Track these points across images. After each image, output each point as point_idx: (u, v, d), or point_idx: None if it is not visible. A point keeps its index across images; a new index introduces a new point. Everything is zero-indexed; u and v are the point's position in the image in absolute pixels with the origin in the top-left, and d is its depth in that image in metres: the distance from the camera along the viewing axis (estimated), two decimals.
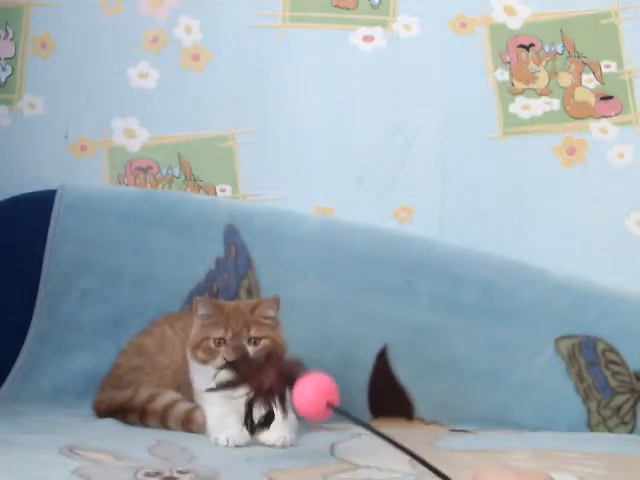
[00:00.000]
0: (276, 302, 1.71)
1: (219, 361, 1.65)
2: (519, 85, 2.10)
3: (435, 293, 1.97)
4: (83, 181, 2.11)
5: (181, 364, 1.78)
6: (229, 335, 1.67)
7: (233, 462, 1.51)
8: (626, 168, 2.08)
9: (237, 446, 1.60)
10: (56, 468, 1.40)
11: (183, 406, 1.72)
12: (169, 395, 1.75)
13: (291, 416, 1.67)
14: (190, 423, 1.70)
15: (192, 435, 1.67)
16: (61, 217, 2.02)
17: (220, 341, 1.67)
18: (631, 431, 1.92)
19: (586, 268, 2.03)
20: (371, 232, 2.03)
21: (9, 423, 1.71)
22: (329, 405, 1.38)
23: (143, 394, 1.75)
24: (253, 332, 1.68)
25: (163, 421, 1.72)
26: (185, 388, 1.75)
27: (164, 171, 2.14)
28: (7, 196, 2.06)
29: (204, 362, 1.68)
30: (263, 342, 1.68)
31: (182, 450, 1.55)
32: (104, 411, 1.79)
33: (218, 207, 2.06)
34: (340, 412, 1.39)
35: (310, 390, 1.40)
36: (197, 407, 1.71)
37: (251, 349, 1.66)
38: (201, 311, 1.70)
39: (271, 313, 1.71)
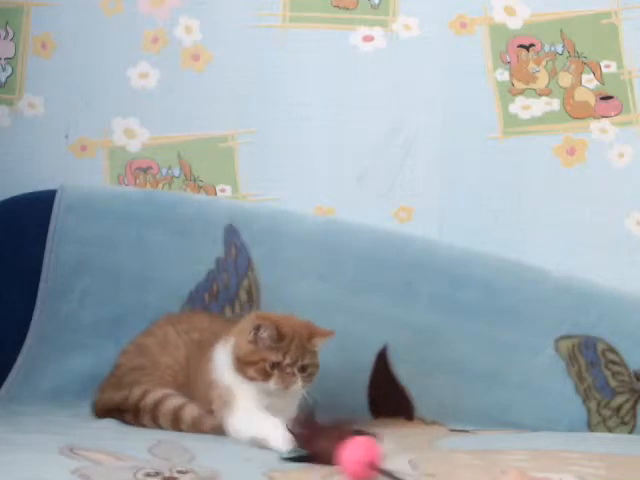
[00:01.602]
0: (331, 337, 1.72)
1: (271, 385, 1.65)
2: (519, 85, 2.10)
3: (435, 293, 1.97)
4: (83, 181, 2.11)
5: (184, 365, 1.77)
6: (286, 361, 1.66)
7: (233, 462, 1.51)
8: (626, 168, 2.08)
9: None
10: (56, 468, 1.39)
11: (172, 402, 1.71)
12: (160, 391, 1.74)
13: None
14: (179, 422, 1.69)
15: (192, 435, 1.67)
16: (61, 217, 2.02)
17: (275, 365, 1.66)
18: (631, 431, 1.92)
19: (586, 268, 2.03)
20: (371, 232, 2.03)
21: (9, 423, 1.71)
22: (373, 467, 1.40)
23: (136, 392, 1.75)
24: (306, 360, 1.68)
25: (154, 418, 1.71)
26: (186, 389, 1.75)
27: (164, 171, 2.14)
28: (7, 196, 2.06)
29: (252, 380, 1.67)
30: (310, 370, 1.68)
31: (182, 450, 1.55)
32: (101, 411, 1.79)
33: (218, 207, 2.06)
34: (384, 473, 1.40)
35: (355, 456, 1.41)
36: (186, 404, 1.70)
37: (300, 375, 1.66)
38: (263, 333, 1.67)
39: (321, 345, 1.72)
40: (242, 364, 1.68)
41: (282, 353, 1.66)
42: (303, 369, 1.67)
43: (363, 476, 1.40)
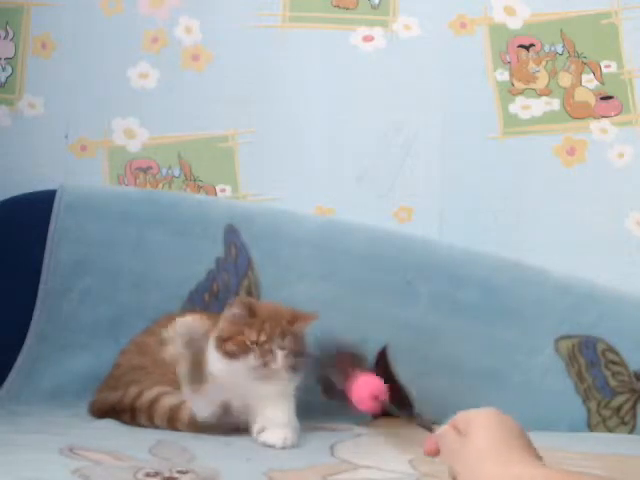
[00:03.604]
0: (315, 320, 1.73)
1: (250, 360, 1.66)
2: (519, 85, 2.10)
3: (435, 293, 1.97)
4: (83, 181, 2.11)
5: None
6: (262, 338, 1.67)
7: (233, 462, 1.51)
8: (626, 168, 2.08)
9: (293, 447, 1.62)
10: (56, 468, 1.39)
11: (168, 401, 1.70)
12: (156, 389, 1.73)
13: (293, 418, 1.67)
14: (175, 422, 1.69)
15: (192, 435, 1.66)
16: (61, 217, 2.02)
17: (253, 343, 1.68)
18: (631, 431, 1.92)
19: (586, 268, 2.03)
20: (371, 232, 2.03)
21: (9, 423, 1.71)
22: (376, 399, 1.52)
23: (132, 391, 1.75)
24: (286, 342, 1.69)
25: (150, 418, 1.71)
26: None
27: (164, 171, 2.14)
28: (7, 196, 2.06)
29: (231, 355, 1.67)
30: (292, 354, 1.69)
31: (182, 450, 1.55)
32: (98, 412, 1.78)
33: (218, 207, 2.06)
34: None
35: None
36: (183, 403, 1.70)
37: (281, 355, 1.67)
38: (235, 310, 1.70)
39: (305, 329, 1.73)
40: (221, 341, 1.68)
41: (256, 330, 1.67)
42: (283, 349, 1.68)
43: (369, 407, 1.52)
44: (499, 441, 1.06)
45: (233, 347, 1.67)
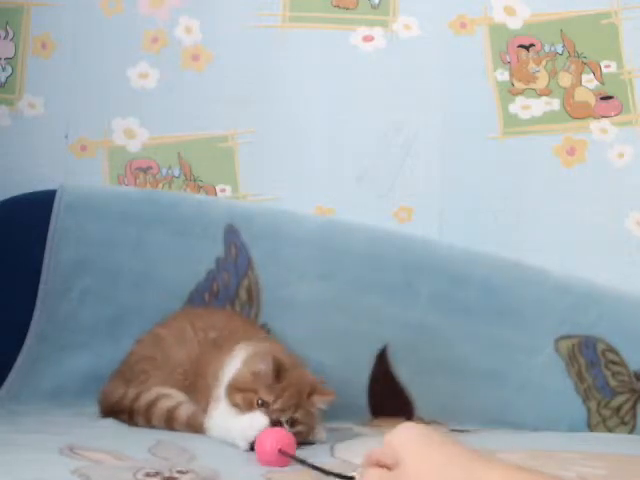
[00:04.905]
0: (331, 398, 1.66)
1: (254, 417, 1.59)
2: (519, 85, 2.10)
3: (435, 293, 1.97)
4: (83, 181, 2.11)
5: (194, 364, 1.76)
6: (276, 406, 1.59)
7: (233, 462, 1.51)
8: (626, 168, 2.08)
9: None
10: (56, 468, 1.39)
11: (166, 403, 1.70)
12: (154, 390, 1.73)
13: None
14: (172, 422, 1.68)
15: (192, 435, 1.66)
16: (61, 217, 2.02)
17: (264, 403, 1.60)
18: (631, 431, 1.92)
19: (586, 268, 2.03)
20: (371, 232, 2.03)
21: (9, 423, 1.71)
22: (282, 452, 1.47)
23: (131, 393, 1.75)
24: (297, 415, 1.61)
25: (148, 420, 1.71)
26: (192, 389, 1.73)
27: (164, 171, 2.14)
28: (7, 196, 2.06)
29: (235, 406, 1.61)
30: (298, 427, 1.61)
31: (182, 450, 1.55)
32: (103, 402, 1.79)
33: (218, 207, 2.06)
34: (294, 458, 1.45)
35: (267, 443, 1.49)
36: (181, 404, 1.70)
37: (286, 427, 1.59)
38: (261, 365, 1.62)
39: (323, 406, 1.66)
40: (232, 388, 1.63)
41: (275, 395, 1.60)
42: (292, 423, 1.60)
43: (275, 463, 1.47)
44: (447, 456, 1.00)
45: (240, 401, 1.60)
